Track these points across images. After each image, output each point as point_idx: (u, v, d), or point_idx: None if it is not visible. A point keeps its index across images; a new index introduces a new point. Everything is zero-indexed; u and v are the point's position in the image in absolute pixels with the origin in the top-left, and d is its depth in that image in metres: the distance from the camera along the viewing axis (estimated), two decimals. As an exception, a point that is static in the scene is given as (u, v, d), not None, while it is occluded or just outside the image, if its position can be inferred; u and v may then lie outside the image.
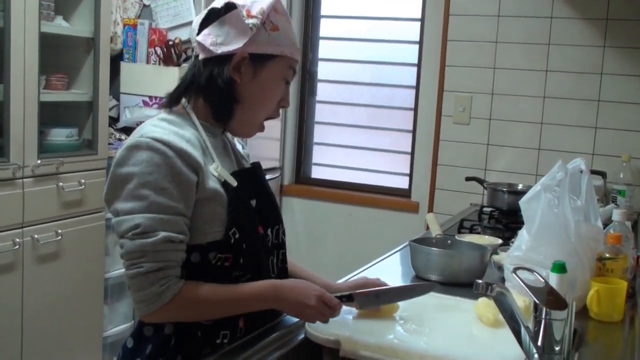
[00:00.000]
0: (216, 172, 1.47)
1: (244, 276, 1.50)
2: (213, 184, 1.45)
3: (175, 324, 1.46)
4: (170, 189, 1.38)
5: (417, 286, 1.74)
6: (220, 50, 1.49)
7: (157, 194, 1.37)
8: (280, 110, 1.63)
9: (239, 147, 1.70)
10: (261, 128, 1.61)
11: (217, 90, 1.50)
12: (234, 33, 1.49)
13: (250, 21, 1.48)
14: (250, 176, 1.61)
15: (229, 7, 1.50)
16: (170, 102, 1.55)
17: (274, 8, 1.51)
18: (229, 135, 1.65)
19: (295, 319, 1.59)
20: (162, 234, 1.36)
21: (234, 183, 1.48)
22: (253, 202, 1.56)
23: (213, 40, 1.50)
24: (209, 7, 1.55)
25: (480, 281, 1.24)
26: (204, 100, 1.53)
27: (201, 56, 1.52)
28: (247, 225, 1.49)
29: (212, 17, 1.52)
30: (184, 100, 1.54)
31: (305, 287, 1.49)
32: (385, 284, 1.70)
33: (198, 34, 1.53)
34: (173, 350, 1.46)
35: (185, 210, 1.40)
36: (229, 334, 1.50)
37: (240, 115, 1.54)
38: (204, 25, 1.53)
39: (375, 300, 1.59)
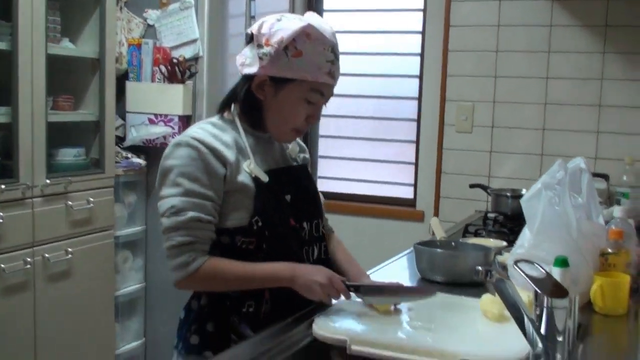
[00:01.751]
0: (248, 168, 1.69)
1: (269, 260, 1.68)
2: (243, 178, 1.68)
3: (209, 296, 1.72)
4: (202, 179, 1.63)
5: (422, 289, 1.86)
6: (245, 70, 1.73)
7: (190, 182, 1.63)
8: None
9: (295, 149, 1.91)
10: (292, 137, 1.81)
11: (246, 103, 1.75)
12: (252, 57, 1.71)
13: (263, 50, 1.67)
14: (289, 174, 1.82)
15: (251, 34, 1.73)
16: (220, 109, 1.81)
17: (306, 34, 1.67)
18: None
19: (305, 324, 1.62)
20: (191, 214, 1.61)
21: (265, 179, 1.70)
22: (288, 197, 1.76)
23: (242, 61, 1.74)
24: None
25: (480, 268, 1.26)
26: (240, 109, 1.76)
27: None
28: (273, 215, 1.69)
29: (247, 40, 1.76)
30: (233, 107, 1.78)
31: (319, 269, 1.68)
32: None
33: None
34: (206, 317, 1.72)
35: (215, 197, 1.65)
36: (254, 303, 1.70)
37: (270, 124, 1.75)
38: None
39: (379, 295, 1.66)
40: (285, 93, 1.70)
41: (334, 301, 1.71)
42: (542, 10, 3.48)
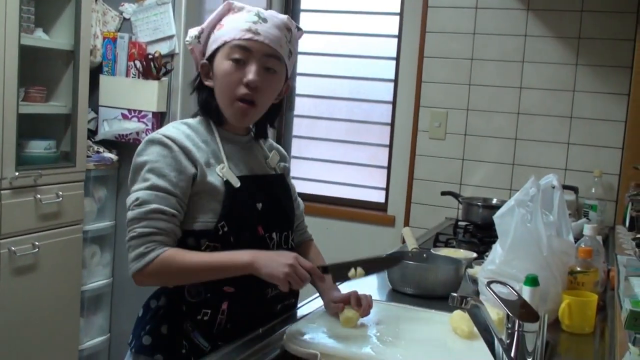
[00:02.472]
0: (221, 172, 1.68)
1: None
2: (214, 180, 1.66)
3: (167, 298, 1.70)
4: (169, 175, 1.62)
5: (386, 258, 1.85)
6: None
7: (158, 177, 1.62)
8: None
9: (276, 158, 1.89)
10: (241, 110, 1.71)
11: (202, 98, 1.78)
12: (198, 52, 1.80)
13: (187, 40, 1.78)
14: (263, 182, 1.80)
15: None
16: (196, 113, 1.81)
17: (228, 9, 1.75)
18: (266, 147, 1.88)
19: (274, 336, 1.62)
20: (154, 206, 1.59)
21: (237, 184, 1.68)
22: (259, 205, 1.73)
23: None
24: None
25: (455, 294, 1.27)
26: (200, 106, 1.79)
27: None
28: (239, 222, 1.67)
29: None
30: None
31: (282, 252, 1.66)
32: (371, 304, 1.73)
33: None
34: (161, 319, 1.69)
35: (181, 195, 1.62)
36: (210, 312, 1.66)
37: (222, 109, 1.74)
38: None
39: (347, 272, 1.64)
40: (216, 65, 1.72)
41: (302, 312, 1.72)
42: (517, 20, 3.51)
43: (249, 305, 1.68)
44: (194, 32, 1.77)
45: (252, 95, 1.69)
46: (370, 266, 1.70)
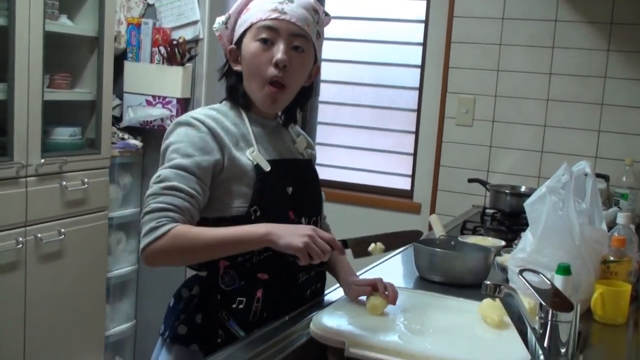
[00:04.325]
0: (251, 156, 1.65)
1: (265, 252, 1.62)
2: (243, 165, 1.63)
3: (200, 287, 1.67)
4: (194, 155, 1.58)
5: (405, 233, 1.76)
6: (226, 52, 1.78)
7: (182, 157, 1.58)
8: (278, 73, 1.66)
9: (303, 144, 1.87)
10: (271, 94, 1.68)
11: (230, 82, 1.76)
12: (226, 37, 1.78)
13: (215, 26, 1.77)
14: (292, 166, 1.77)
15: None
16: (223, 99, 1.79)
17: None
18: (293, 132, 1.86)
19: (300, 323, 1.59)
20: (172, 183, 1.55)
21: (267, 168, 1.65)
22: (289, 190, 1.70)
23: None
24: None
25: (488, 282, 1.24)
26: (228, 92, 1.77)
27: None
28: (271, 206, 1.64)
29: None
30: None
31: (299, 225, 1.61)
32: (395, 292, 1.69)
33: None
34: (195, 308, 1.67)
35: (202, 175, 1.58)
36: (245, 300, 1.64)
37: (251, 94, 1.71)
38: None
39: (367, 247, 1.60)
40: (244, 48, 1.69)
41: (328, 299, 1.69)
42: (548, 5, 3.44)
43: (283, 291, 1.65)
44: (221, 18, 1.76)
45: (282, 77, 1.65)
46: (389, 241, 1.64)
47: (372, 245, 1.60)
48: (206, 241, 1.54)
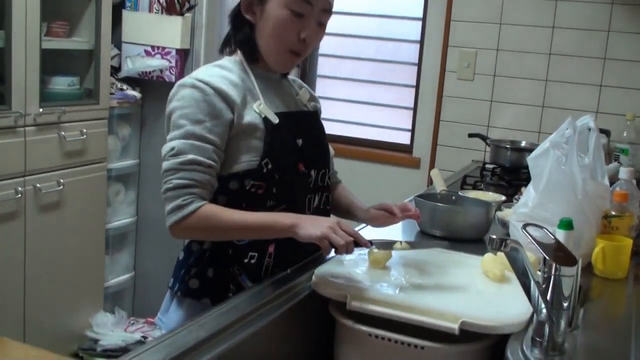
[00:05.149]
0: (258, 109, 1.63)
1: (277, 206, 1.64)
2: (253, 119, 1.62)
3: (212, 242, 1.66)
4: (205, 121, 1.56)
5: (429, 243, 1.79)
6: None
7: (192, 124, 1.56)
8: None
9: (306, 96, 1.85)
10: (290, 61, 1.70)
11: (239, 30, 1.70)
12: None
13: None
14: (300, 118, 1.76)
15: None
16: (221, 48, 1.76)
17: None
18: (296, 85, 1.85)
19: (303, 276, 1.60)
20: (190, 156, 1.54)
21: (275, 120, 1.64)
22: (299, 142, 1.70)
23: None
24: None
25: (494, 237, 1.24)
26: (235, 40, 1.71)
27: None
28: (282, 158, 1.64)
29: None
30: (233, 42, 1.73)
31: (324, 217, 1.61)
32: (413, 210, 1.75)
33: None
34: (207, 262, 1.67)
35: (218, 141, 1.57)
36: (257, 255, 1.65)
37: (265, 50, 1.68)
38: None
39: (391, 246, 1.61)
40: (270, 7, 1.63)
41: (333, 254, 1.69)
42: (552, -43, 3.39)
43: (294, 247, 1.63)
44: None
45: (302, 49, 1.67)
46: (413, 244, 1.67)
47: (397, 243, 1.61)
48: (233, 225, 1.56)
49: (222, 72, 1.65)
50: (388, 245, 1.60)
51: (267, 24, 1.64)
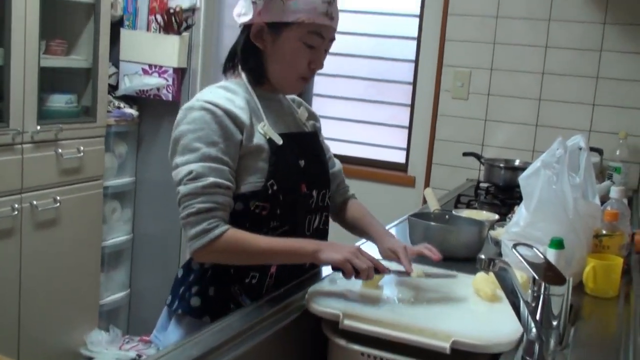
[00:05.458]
0: (262, 130, 1.65)
1: (280, 227, 1.66)
2: (258, 140, 1.63)
3: None
4: (218, 142, 1.57)
5: (443, 273, 1.77)
6: (241, 20, 1.69)
7: (207, 146, 1.56)
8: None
9: (304, 115, 1.87)
10: (298, 86, 1.74)
11: (247, 55, 1.71)
12: (247, 5, 1.67)
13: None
14: (301, 139, 1.78)
15: None
16: (224, 69, 1.76)
17: None
18: (294, 103, 1.86)
19: (298, 295, 1.62)
20: (211, 179, 1.54)
21: (279, 141, 1.65)
22: (301, 162, 1.72)
23: (238, 11, 1.70)
24: None
25: (482, 256, 1.25)
26: (242, 63, 1.72)
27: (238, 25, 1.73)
28: (286, 179, 1.66)
29: None
30: (240, 68, 1.72)
31: (345, 244, 1.61)
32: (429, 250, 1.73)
33: None
34: (208, 281, 1.67)
35: (231, 163, 1.59)
36: (259, 275, 1.66)
37: (273, 75, 1.71)
38: None
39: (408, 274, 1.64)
40: (284, 39, 1.65)
41: (326, 273, 1.71)
42: (544, -23, 3.44)
43: (297, 268, 1.67)
44: None
45: (311, 75, 1.73)
46: (429, 273, 1.70)
47: (414, 272, 1.64)
48: (260, 250, 1.57)
49: (227, 94, 1.66)
50: (405, 273, 1.63)
51: (279, 53, 1.67)
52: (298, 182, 1.70)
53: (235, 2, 1.74)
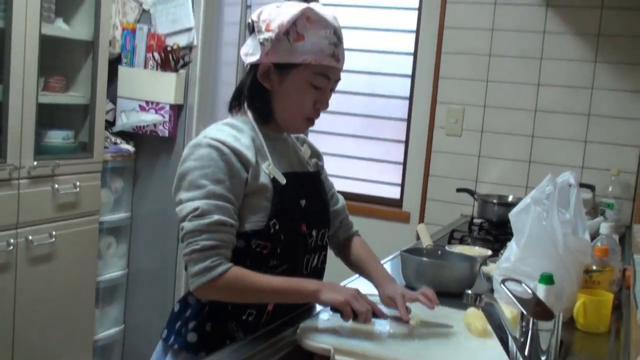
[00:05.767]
0: (267, 169, 1.66)
1: (280, 266, 1.66)
2: (263, 179, 1.64)
3: None
4: (224, 180, 1.58)
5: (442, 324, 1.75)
6: (248, 60, 1.70)
7: (213, 184, 1.57)
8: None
9: (307, 153, 1.88)
10: (304, 126, 1.76)
11: (253, 94, 1.71)
12: (254, 46, 1.68)
13: (263, 36, 1.64)
14: (304, 179, 1.79)
15: (251, 22, 1.70)
16: (230, 107, 1.77)
17: (306, 17, 1.66)
18: (298, 141, 1.88)
19: (290, 330, 1.62)
20: (216, 217, 1.55)
21: (283, 181, 1.66)
22: (302, 202, 1.72)
23: (245, 51, 1.71)
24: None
25: (469, 292, 1.27)
26: (248, 102, 1.73)
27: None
28: (288, 219, 1.66)
29: (249, 30, 1.72)
30: (246, 106, 1.73)
31: (345, 286, 1.67)
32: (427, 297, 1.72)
33: None
34: (205, 317, 1.66)
35: (235, 201, 1.59)
36: (255, 312, 1.66)
37: (280, 115, 1.72)
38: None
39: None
40: (291, 79, 1.67)
41: (318, 308, 1.72)
42: (536, 17, 3.49)
43: (294, 306, 1.68)
44: (270, 34, 1.64)
45: (316, 115, 1.75)
46: (427, 323, 1.68)
47: (412, 320, 1.65)
48: (260, 289, 1.58)
49: (234, 132, 1.66)
50: (402, 321, 1.64)
51: (286, 93, 1.69)
52: (299, 222, 1.70)
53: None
